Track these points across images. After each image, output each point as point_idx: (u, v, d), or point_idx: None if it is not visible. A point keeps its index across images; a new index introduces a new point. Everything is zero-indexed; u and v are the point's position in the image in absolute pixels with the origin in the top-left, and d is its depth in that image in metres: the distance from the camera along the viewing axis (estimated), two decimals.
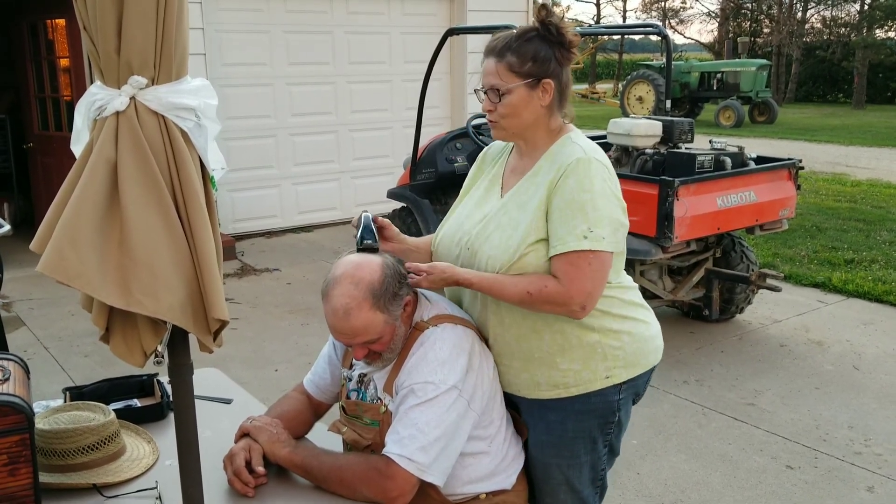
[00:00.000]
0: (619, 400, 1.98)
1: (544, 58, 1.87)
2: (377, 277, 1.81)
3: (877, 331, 5.32)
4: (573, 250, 1.80)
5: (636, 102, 21.10)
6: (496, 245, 1.91)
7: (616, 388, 1.96)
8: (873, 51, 25.47)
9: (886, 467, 3.55)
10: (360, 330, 1.80)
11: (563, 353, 1.92)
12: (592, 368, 1.93)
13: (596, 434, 2.00)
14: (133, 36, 1.28)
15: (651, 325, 2.07)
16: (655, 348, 2.06)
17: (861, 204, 9.61)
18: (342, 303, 1.78)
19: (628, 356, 1.97)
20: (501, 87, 1.89)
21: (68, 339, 5.18)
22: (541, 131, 1.95)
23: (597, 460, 2.03)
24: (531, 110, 1.91)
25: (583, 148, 1.89)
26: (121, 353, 1.40)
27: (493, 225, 1.95)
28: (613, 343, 1.94)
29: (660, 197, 4.43)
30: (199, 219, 1.37)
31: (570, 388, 1.94)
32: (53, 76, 7.49)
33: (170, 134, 1.34)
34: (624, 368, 1.96)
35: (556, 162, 1.89)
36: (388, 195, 6.36)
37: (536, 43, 1.88)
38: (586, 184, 1.82)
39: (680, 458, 3.65)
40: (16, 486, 1.55)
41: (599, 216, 1.81)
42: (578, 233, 1.80)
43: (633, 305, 2.02)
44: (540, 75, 1.88)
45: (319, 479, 1.82)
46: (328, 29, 8.32)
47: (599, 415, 1.97)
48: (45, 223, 1.32)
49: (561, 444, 1.99)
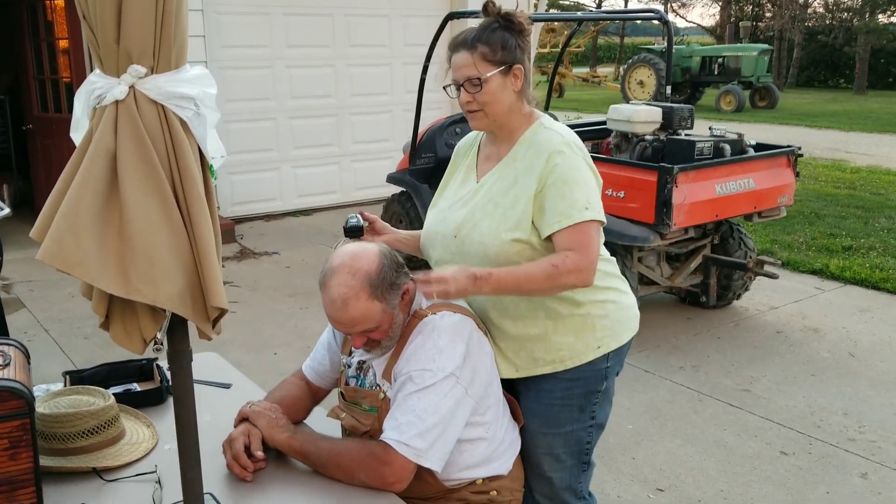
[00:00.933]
0: (607, 368, 2.09)
1: (511, 45, 1.98)
2: (374, 267, 1.83)
3: (873, 318, 5.34)
4: (577, 222, 1.89)
5: (637, 86, 21.04)
6: (486, 232, 1.98)
7: (605, 357, 2.08)
8: (875, 36, 25.36)
9: (880, 454, 3.58)
10: (359, 319, 1.81)
11: (556, 328, 2.03)
12: (585, 340, 2.04)
13: (583, 402, 2.09)
14: (132, 25, 1.28)
15: (628, 294, 2.19)
16: (635, 316, 2.19)
17: (860, 190, 9.61)
18: (340, 293, 1.80)
19: (614, 325, 2.08)
20: (480, 76, 1.96)
21: (68, 322, 5.20)
22: (515, 117, 2.04)
23: (581, 430, 2.11)
24: (506, 96, 1.99)
25: (559, 133, 2.00)
26: (120, 340, 1.41)
27: (480, 213, 2.02)
28: (600, 313, 2.06)
29: (658, 184, 4.43)
30: (198, 207, 1.37)
31: (565, 362, 2.04)
32: (53, 58, 7.47)
33: (169, 123, 1.34)
34: (612, 337, 2.08)
35: (537, 148, 1.99)
36: (388, 179, 6.36)
37: (500, 32, 1.98)
38: (575, 162, 1.95)
39: (675, 443, 3.68)
40: (16, 470, 1.56)
41: (591, 190, 1.95)
42: (580, 205, 1.90)
43: (613, 276, 2.14)
44: (510, 61, 1.98)
45: (317, 464, 1.85)
46: (328, 11, 8.28)
47: (588, 383, 2.08)
48: (44, 212, 1.33)
49: (549, 414, 2.08)
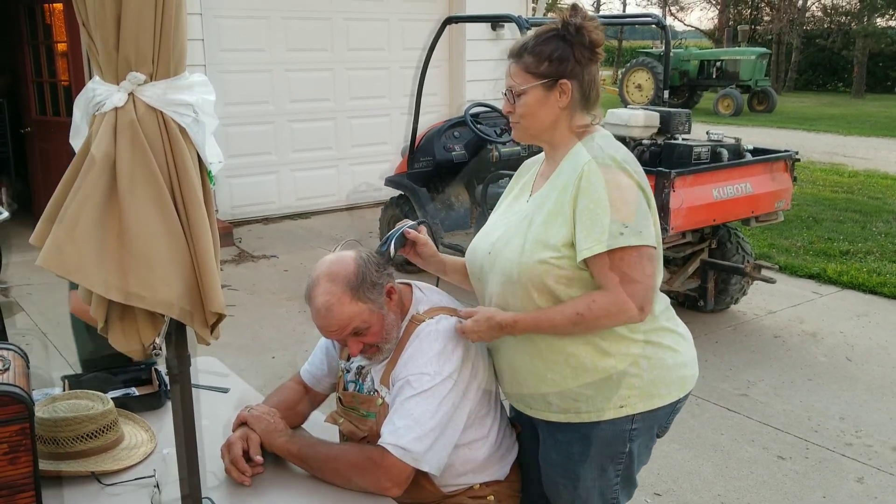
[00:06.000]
0: (632, 430, 1.87)
1: (561, 57, 1.82)
2: (352, 270, 1.86)
3: (870, 322, 5.35)
4: (612, 248, 1.72)
5: (635, 90, 21.09)
6: (514, 250, 1.86)
7: (629, 418, 1.86)
8: (873, 39, 25.42)
9: (877, 458, 3.59)
10: (346, 322, 1.83)
11: (576, 376, 1.84)
12: (606, 395, 1.84)
13: (605, 462, 1.91)
14: (131, 32, 1.30)
15: (680, 352, 1.93)
16: (680, 378, 1.92)
17: (858, 195, 9.63)
18: (323, 301, 1.84)
19: (645, 385, 1.85)
20: (516, 87, 1.86)
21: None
22: (561, 132, 1.89)
23: (606, 488, 1.95)
24: (548, 111, 1.86)
25: (599, 146, 1.84)
26: (120, 345, 1.42)
27: (514, 230, 1.90)
28: (630, 370, 1.84)
29: (656, 188, 4.44)
30: (197, 213, 1.39)
31: (581, 414, 1.87)
32: (51, 61, 7.47)
33: (168, 129, 1.36)
34: (640, 399, 1.85)
35: (577, 161, 1.83)
36: (386, 183, 6.38)
37: (554, 43, 1.84)
38: (616, 179, 1.76)
39: (672, 447, 3.69)
40: (16, 475, 1.57)
41: (630, 213, 1.74)
42: (614, 231, 1.72)
43: (660, 330, 1.90)
44: (557, 76, 1.83)
45: (315, 468, 1.86)
46: (327, 15, 8.30)
47: (608, 444, 1.88)
48: (44, 217, 1.34)
49: (568, 466, 1.93)
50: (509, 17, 5.59)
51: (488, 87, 8.53)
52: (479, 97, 8.34)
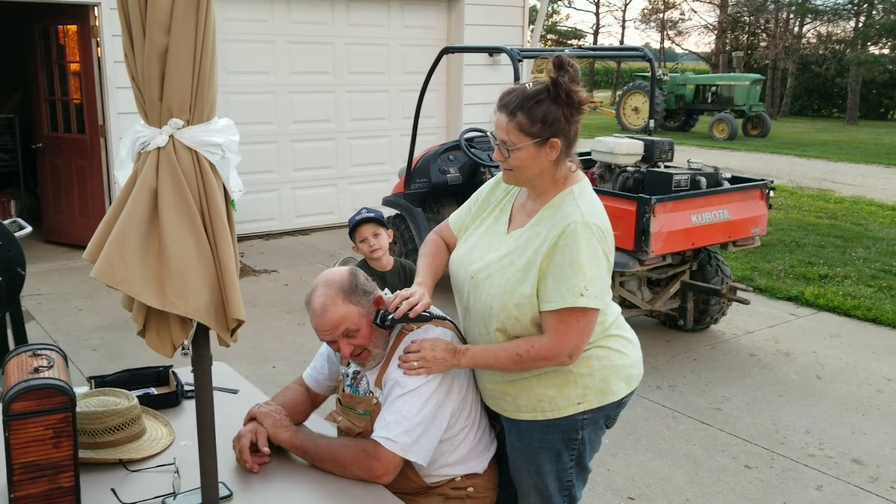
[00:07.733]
0: (584, 420, 2.15)
1: (553, 119, 1.98)
2: (346, 278, 2.16)
3: (842, 343, 5.62)
4: (569, 307, 1.96)
5: (632, 113, 21.48)
6: (496, 286, 2.08)
7: (582, 412, 2.15)
8: (866, 67, 25.81)
9: (836, 468, 3.84)
10: (339, 321, 2.11)
11: (539, 379, 2.12)
12: (566, 395, 2.12)
13: (560, 448, 2.19)
14: (173, 86, 1.57)
15: (627, 354, 2.20)
16: (627, 377, 2.19)
17: (841, 220, 9.91)
18: (320, 301, 2.12)
19: (599, 384, 2.12)
20: (510, 144, 2.02)
21: (76, 334, 5.45)
22: (547, 180, 2.09)
23: (562, 471, 2.22)
24: (538, 163, 2.04)
25: (581, 211, 2.02)
26: (154, 345, 1.68)
27: (496, 266, 2.11)
28: (583, 371, 2.11)
29: (637, 213, 4.72)
30: (223, 235, 1.65)
31: (545, 413, 2.14)
32: (63, 80, 7.75)
33: (201, 166, 1.62)
34: (595, 396, 2.13)
35: (557, 218, 2.03)
36: (384, 202, 6.64)
37: (546, 105, 1.98)
38: (587, 245, 1.97)
39: (648, 456, 3.94)
40: (60, 457, 1.83)
41: (594, 276, 1.97)
42: (576, 291, 1.95)
43: (610, 336, 2.16)
44: (548, 136, 2.00)
45: (315, 459, 2.12)
46: (330, 40, 8.63)
47: (563, 431, 2.16)
48: (95, 237, 1.61)
49: (529, 452, 2.21)
50: (502, 49, 5.89)
51: (484, 110, 8.81)
52: (475, 119, 8.65)
